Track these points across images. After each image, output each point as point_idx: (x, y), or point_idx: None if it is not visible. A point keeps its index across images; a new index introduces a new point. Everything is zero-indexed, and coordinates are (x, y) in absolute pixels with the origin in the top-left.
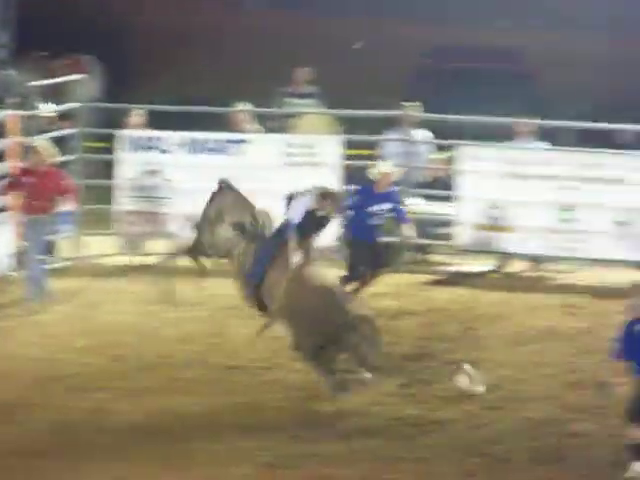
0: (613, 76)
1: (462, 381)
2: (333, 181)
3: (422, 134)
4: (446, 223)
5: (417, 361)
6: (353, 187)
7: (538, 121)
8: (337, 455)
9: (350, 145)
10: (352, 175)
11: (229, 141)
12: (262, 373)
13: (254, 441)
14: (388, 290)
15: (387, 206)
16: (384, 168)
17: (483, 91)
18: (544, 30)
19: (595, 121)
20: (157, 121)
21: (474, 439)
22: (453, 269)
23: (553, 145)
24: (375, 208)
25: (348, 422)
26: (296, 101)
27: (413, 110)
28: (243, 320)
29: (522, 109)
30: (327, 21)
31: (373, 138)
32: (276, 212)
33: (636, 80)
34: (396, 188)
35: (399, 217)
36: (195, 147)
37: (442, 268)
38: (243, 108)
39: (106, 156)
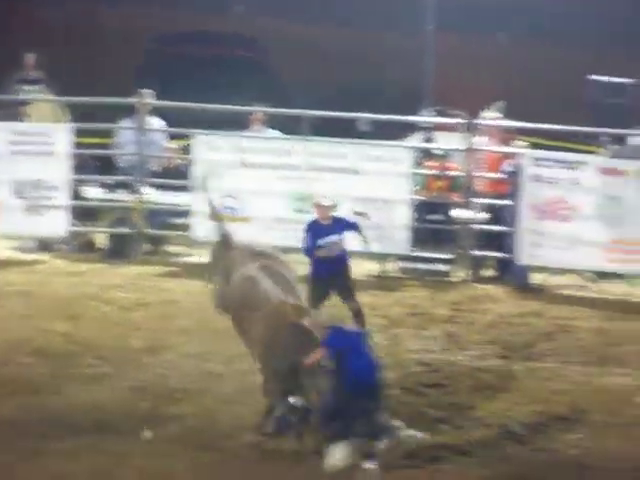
0: (348, 66)
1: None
2: (63, 170)
3: (156, 122)
4: (182, 213)
5: (152, 354)
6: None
7: (273, 109)
8: (66, 451)
9: (83, 133)
10: (83, 165)
11: None
12: None
13: None
14: (123, 282)
15: (335, 237)
16: (322, 201)
17: (217, 78)
18: (279, 17)
19: (333, 109)
20: None
21: (208, 434)
22: (189, 260)
23: (289, 134)
24: (325, 241)
25: (78, 417)
26: (26, 87)
27: (147, 97)
28: None
29: (258, 97)
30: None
31: (106, 126)
32: None
33: (369, 70)
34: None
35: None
36: None
37: (178, 259)
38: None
39: None
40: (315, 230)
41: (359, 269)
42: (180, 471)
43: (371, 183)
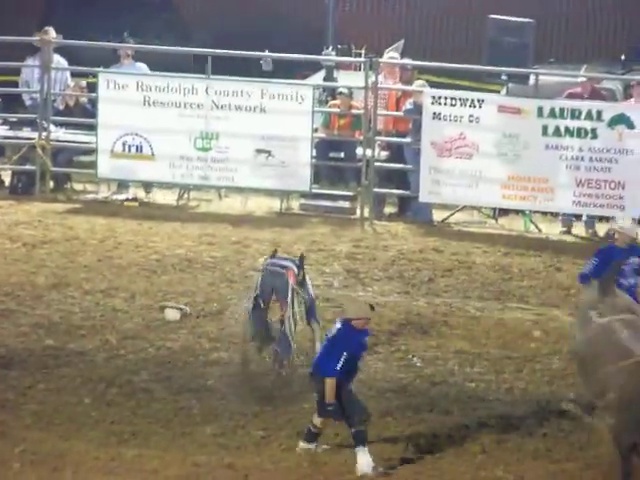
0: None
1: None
2: None
3: (59, 60)
4: (87, 151)
5: (57, 290)
6: None
7: (176, 48)
8: None
9: None
10: None
11: None
12: None
13: None
14: (28, 219)
15: None
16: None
17: (120, 16)
18: None
19: (236, 48)
20: None
21: (113, 369)
22: (92, 197)
23: (192, 73)
24: None
25: None
26: None
27: (51, 35)
28: None
29: (159, 35)
30: None
31: (10, 64)
32: None
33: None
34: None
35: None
36: None
37: (82, 197)
38: None
39: None
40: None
41: (261, 206)
42: (84, 405)
43: (274, 121)
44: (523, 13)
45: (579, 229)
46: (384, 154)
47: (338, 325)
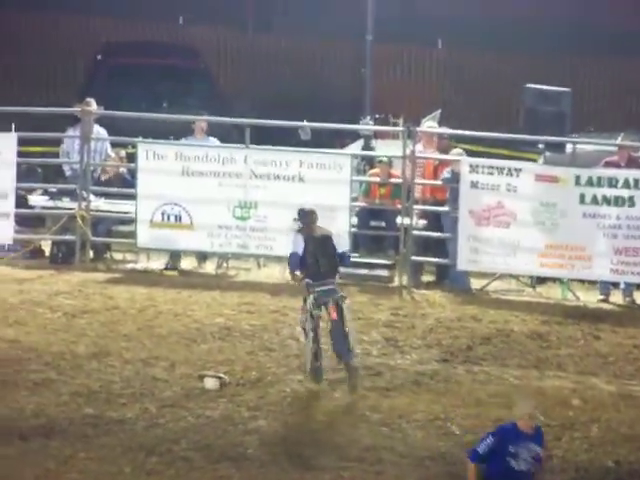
0: (291, 72)
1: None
2: (8, 179)
3: (99, 131)
4: (126, 221)
5: (97, 360)
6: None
7: (214, 118)
8: (12, 456)
9: (28, 142)
10: (29, 173)
11: None
12: None
13: None
14: (68, 289)
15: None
16: None
17: (159, 88)
18: (219, 26)
19: (274, 118)
20: None
21: (153, 438)
22: (132, 267)
23: (230, 143)
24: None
25: (26, 422)
26: None
27: (92, 107)
28: None
29: (199, 106)
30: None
31: (51, 135)
32: None
33: (311, 76)
34: None
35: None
36: None
37: (122, 266)
38: None
39: None
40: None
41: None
42: (124, 474)
43: (312, 190)
44: (559, 82)
45: (617, 297)
46: (422, 222)
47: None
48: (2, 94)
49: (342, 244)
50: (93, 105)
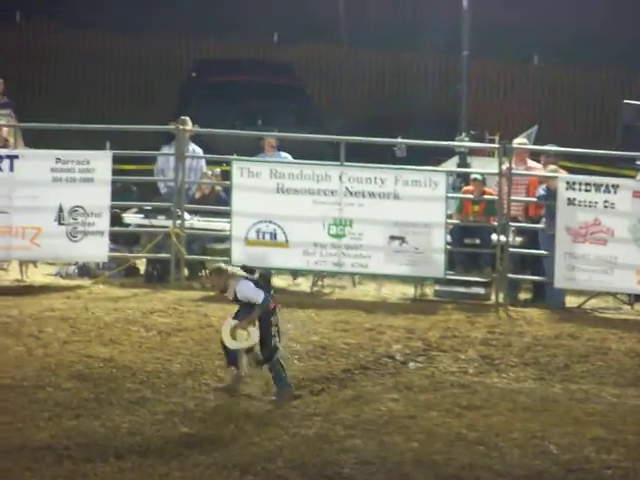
0: (385, 89)
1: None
2: (103, 197)
3: (194, 149)
4: (221, 239)
5: (192, 378)
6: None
7: (309, 135)
8: (108, 475)
9: (122, 160)
10: (123, 191)
11: None
12: (32, 392)
13: (21, 462)
14: (163, 307)
15: None
16: None
17: (252, 105)
18: (314, 43)
19: (369, 135)
20: None
21: (248, 457)
22: None
23: (324, 159)
24: None
25: (121, 441)
26: None
27: (187, 124)
28: (13, 339)
29: (294, 123)
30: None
31: (145, 153)
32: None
33: (405, 95)
34: None
35: None
36: None
37: None
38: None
39: None
40: None
41: (395, 292)
42: None
43: (407, 207)
44: None
45: None
46: (518, 240)
47: None
48: (98, 112)
49: (438, 261)
50: (189, 123)
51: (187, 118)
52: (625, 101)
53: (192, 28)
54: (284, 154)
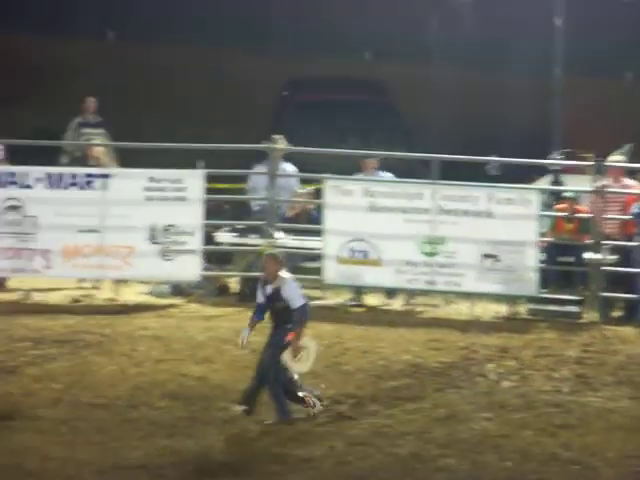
0: (477, 107)
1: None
2: (196, 215)
3: (288, 167)
4: (313, 257)
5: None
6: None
7: (402, 154)
8: None
9: (214, 179)
10: (216, 210)
11: (91, 175)
12: (125, 411)
13: None
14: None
15: None
16: None
17: (344, 123)
18: (407, 62)
19: (461, 153)
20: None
21: (341, 476)
22: (318, 303)
23: (416, 178)
24: None
25: (214, 460)
26: (88, 130)
27: (279, 143)
28: (106, 357)
29: (386, 141)
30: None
31: (237, 171)
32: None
33: (497, 113)
34: None
35: None
36: (57, 182)
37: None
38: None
39: None
40: None
41: (488, 311)
42: None
43: (500, 225)
44: None
45: None
46: (612, 258)
47: None
48: (189, 132)
49: (531, 279)
50: (281, 142)
51: (281, 137)
52: None
53: (286, 46)
54: (383, 173)
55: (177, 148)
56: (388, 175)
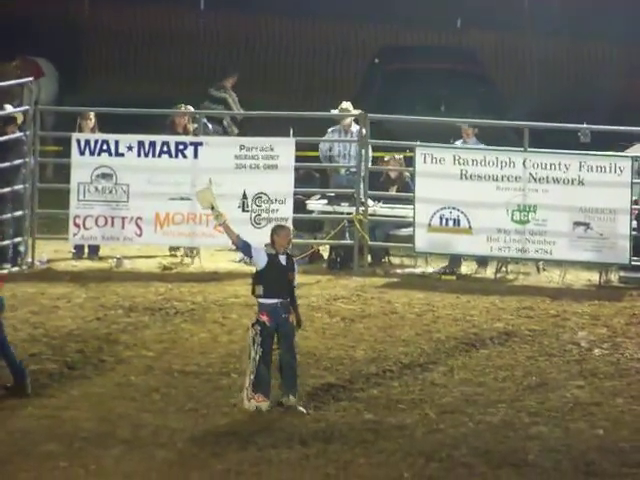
0: (567, 77)
1: None
2: (287, 183)
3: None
4: (404, 225)
5: (375, 365)
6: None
7: (493, 122)
8: (292, 461)
9: (306, 146)
10: (307, 178)
11: (182, 143)
12: (216, 378)
13: (207, 447)
14: (346, 293)
15: None
16: None
17: (437, 92)
18: (496, 30)
19: (550, 121)
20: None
21: (433, 443)
22: (410, 271)
23: (506, 145)
24: None
25: (304, 427)
26: (212, 105)
27: (350, 111)
28: (198, 325)
29: (477, 109)
30: (276, 19)
31: (325, 139)
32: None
33: (588, 81)
34: None
35: None
36: (148, 150)
37: (400, 271)
38: (187, 110)
39: (60, 160)
40: None
41: (579, 279)
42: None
43: (592, 193)
44: None
45: None
46: None
47: None
48: (280, 100)
49: (623, 247)
50: (351, 109)
51: (349, 104)
52: None
53: (377, 14)
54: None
55: (269, 116)
56: (481, 145)
